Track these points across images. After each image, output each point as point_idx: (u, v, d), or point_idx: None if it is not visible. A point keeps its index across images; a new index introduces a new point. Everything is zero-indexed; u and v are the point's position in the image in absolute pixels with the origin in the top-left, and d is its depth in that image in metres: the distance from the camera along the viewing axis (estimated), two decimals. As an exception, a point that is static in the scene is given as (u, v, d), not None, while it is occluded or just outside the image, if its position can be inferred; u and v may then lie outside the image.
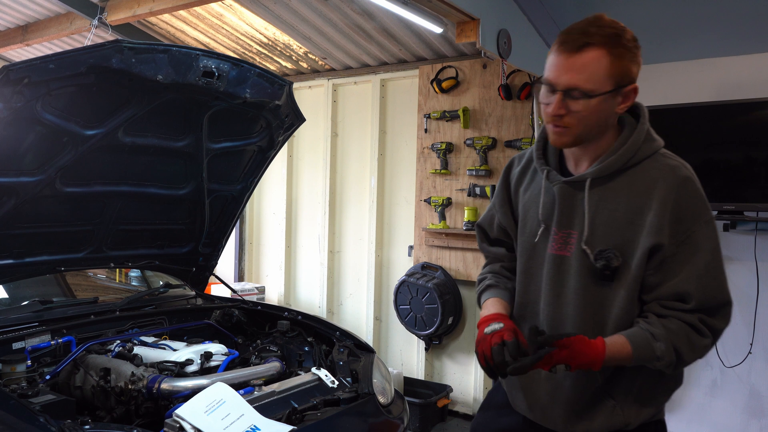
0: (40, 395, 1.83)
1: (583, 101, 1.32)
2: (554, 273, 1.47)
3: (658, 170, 1.37)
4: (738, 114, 3.24)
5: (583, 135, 1.38)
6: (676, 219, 1.33)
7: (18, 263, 2.46)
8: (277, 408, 2.00)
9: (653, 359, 1.33)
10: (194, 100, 2.37)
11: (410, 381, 4.36)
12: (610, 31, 1.32)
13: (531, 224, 1.53)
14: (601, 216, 1.40)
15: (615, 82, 1.32)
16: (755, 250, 3.30)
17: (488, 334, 1.40)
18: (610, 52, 1.31)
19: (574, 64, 1.31)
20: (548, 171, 1.48)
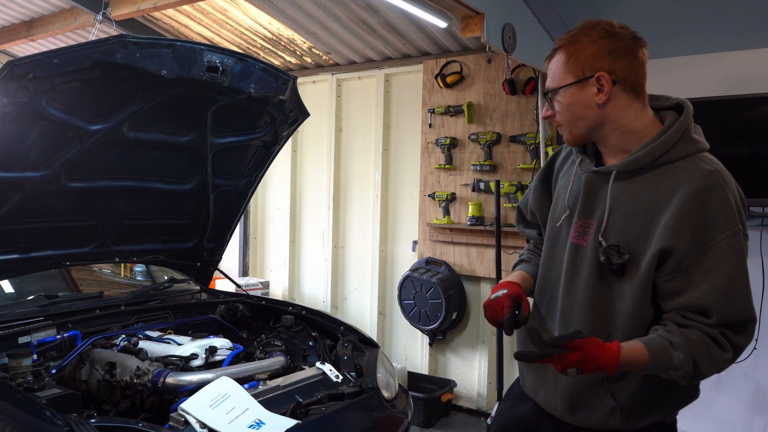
0: (46, 389, 1.84)
1: (556, 99, 1.45)
2: (571, 261, 1.48)
3: (689, 173, 1.33)
4: (744, 109, 3.22)
5: (576, 131, 1.45)
6: (701, 227, 1.29)
7: (23, 258, 2.47)
8: (282, 402, 2.01)
9: (669, 369, 1.29)
10: (198, 95, 2.37)
11: (414, 376, 4.36)
12: (574, 31, 1.42)
13: (559, 210, 1.55)
14: (620, 210, 1.39)
15: (574, 75, 1.40)
16: (761, 245, 3.28)
17: (492, 300, 1.50)
18: (566, 51, 1.41)
19: (549, 70, 1.46)
20: (582, 159, 1.50)
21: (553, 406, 1.53)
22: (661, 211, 1.33)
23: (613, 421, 1.43)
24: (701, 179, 1.32)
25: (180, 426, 1.78)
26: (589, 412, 1.46)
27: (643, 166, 1.37)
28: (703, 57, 3.45)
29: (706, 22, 3.35)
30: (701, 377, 1.33)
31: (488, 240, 3.98)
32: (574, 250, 1.47)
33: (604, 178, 1.43)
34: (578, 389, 1.46)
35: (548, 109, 1.49)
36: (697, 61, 3.46)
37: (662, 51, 3.51)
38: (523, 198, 1.78)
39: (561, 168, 1.62)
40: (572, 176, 1.52)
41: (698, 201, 1.29)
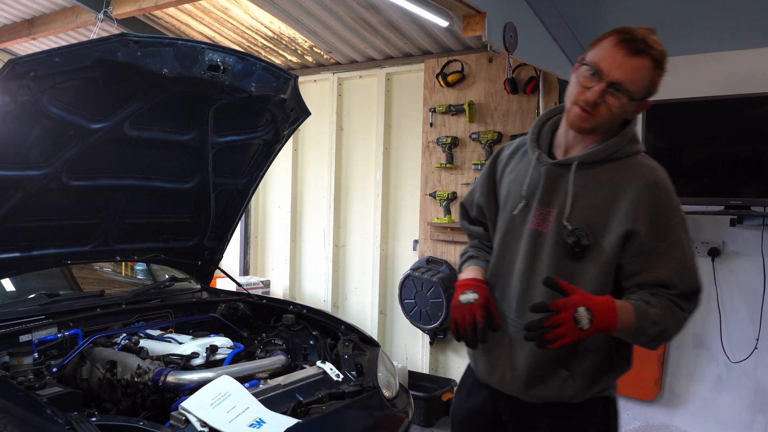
0: (47, 387, 1.84)
1: (621, 98, 1.43)
2: (530, 246, 1.56)
3: (638, 167, 1.50)
4: (746, 108, 3.22)
5: (600, 126, 1.49)
6: (655, 215, 1.45)
7: (25, 256, 2.47)
8: (283, 401, 2.01)
9: (649, 324, 1.42)
10: (200, 94, 2.37)
11: (415, 375, 4.37)
12: (661, 49, 1.45)
13: (513, 200, 1.62)
14: (581, 197, 1.51)
15: (647, 92, 1.47)
16: (762, 245, 3.28)
17: (463, 305, 1.55)
18: (655, 67, 1.44)
19: (628, 64, 1.41)
20: (539, 153, 1.59)
21: (509, 385, 1.59)
22: (618, 199, 1.47)
23: (567, 389, 1.52)
24: (651, 173, 1.49)
25: (181, 425, 1.78)
26: (544, 385, 1.54)
27: (600, 159, 1.50)
28: (706, 56, 3.45)
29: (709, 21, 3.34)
30: (667, 337, 1.49)
31: (489, 239, 3.97)
32: (533, 235, 1.56)
33: (564, 168, 1.53)
34: (534, 364, 1.54)
35: (601, 95, 1.43)
36: (699, 60, 3.46)
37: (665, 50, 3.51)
38: (466, 196, 1.85)
39: (506, 165, 1.70)
40: (527, 169, 1.60)
41: (651, 192, 1.46)
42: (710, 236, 3.44)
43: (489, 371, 1.64)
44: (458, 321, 1.55)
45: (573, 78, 1.51)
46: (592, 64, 1.44)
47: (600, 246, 1.47)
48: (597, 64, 1.43)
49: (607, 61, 1.42)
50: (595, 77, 1.43)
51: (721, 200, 3.24)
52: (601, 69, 1.42)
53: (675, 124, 3.42)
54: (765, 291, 3.29)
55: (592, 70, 1.44)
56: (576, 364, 1.52)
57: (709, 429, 3.48)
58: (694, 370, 3.53)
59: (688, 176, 3.36)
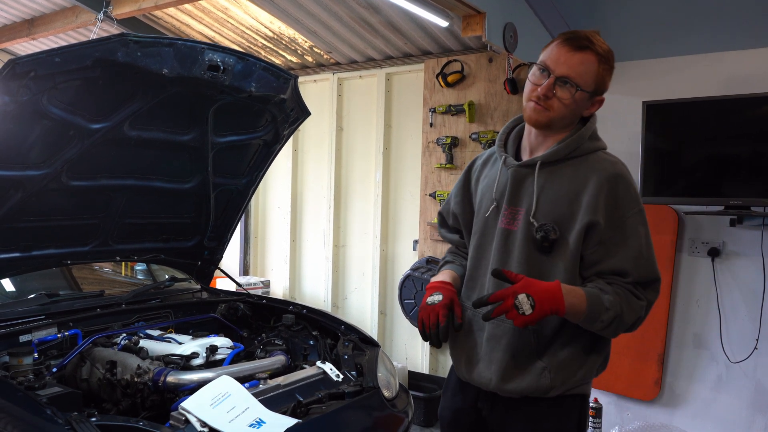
0: (46, 387, 1.83)
1: (569, 91, 1.54)
2: (501, 245, 1.64)
3: (598, 162, 1.59)
4: (746, 108, 3.22)
5: (555, 120, 1.58)
6: (612, 206, 1.53)
7: (25, 256, 2.47)
8: (282, 401, 2.01)
9: (602, 310, 1.48)
10: (199, 94, 2.37)
11: (415, 375, 4.37)
12: (606, 47, 1.57)
13: (485, 204, 1.71)
14: (546, 194, 1.58)
15: (595, 87, 1.57)
16: (762, 245, 3.28)
17: (429, 305, 1.63)
18: (600, 62, 1.55)
19: (572, 59, 1.53)
20: (506, 157, 1.68)
21: (487, 380, 1.63)
22: (580, 194, 1.55)
23: (544, 381, 1.57)
24: (610, 167, 1.57)
25: (180, 425, 1.78)
26: (521, 377, 1.59)
27: (562, 157, 1.59)
28: (706, 56, 3.45)
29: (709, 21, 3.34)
30: (623, 325, 1.52)
31: (489, 239, 3.98)
32: (504, 234, 1.63)
33: (529, 169, 1.62)
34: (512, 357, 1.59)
35: (551, 89, 1.54)
36: (699, 60, 3.46)
37: (664, 50, 3.51)
38: (443, 205, 1.93)
39: (480, 173, 1.79)
40: (497, 174, 1.69)
41: (609, 184, 1.53)
42: (710, 236, 3.44)
43: (468, 369, 1.69)
44: (424, 321, 1.62)
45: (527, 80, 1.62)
46: (541, 63, 1.57)
47: (566, 240, 1.55)
48: (544, 62, 1.56)
49: (552, 58, 1.55)
50: (545, 74, 1.55)
51: (721, 200, 3.24)
52: (548, 66, 1.55)
53: (675, 124, 3.42)
54: (765, 291, 3.29)
55: (541, 67, 1.56)
56: (551, 356, 1.58)
57: (709, 429, 3.48)
58: (694, 370, 3.53)
59: (688, 176, 3.36)
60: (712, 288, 3.43)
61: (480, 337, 1.67)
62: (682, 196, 3.37)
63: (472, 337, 1.69)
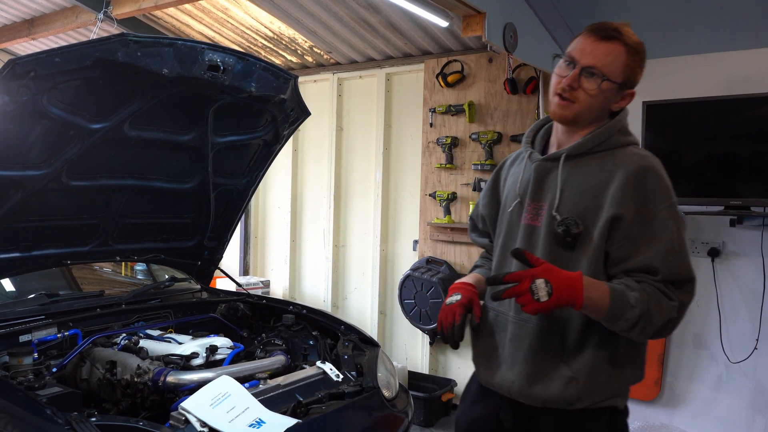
0: (46, 387, 1.84)
1: (595, 81, 1.47)
2: (526, 241, 1.57)
3: (627, 156, 1.50)
4: (746, 108, 3.22)
5: (582, 114, 1.50)
6: (641, 199, 1.43)
7: (25, 256, 2.47)
8: (282, 401, 2.01)
9: (627, 308, 1.37)
10: (199, 94, 2.37)
11: (415, 375, 4.36)
12: (636, 39, 1.50)
13: (510, 201, 1.65)
14: (570, 188, 1.51)
15: (624, 79, 1.49)
16: (762, 245, 3.28)
17: (447, 305, 1.59)
18: (629, 53, 1.48)
19: (599, 49, 1.47)
20: (531, 152, 1.63)
21: (509, 383, 1.55)
22: (607, 186, 1.46)
23: (570, 392, 1.47)
24: (640, 159, 1.48)
25: (180, 425, 1.78)
26: (546, 384, 1.50)
27: (588, 149, 1.52)
28: (705, 56, 3.45)
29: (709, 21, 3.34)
30: (652, 326, 1.40)
31: (489, 239, 3.98)
32: (528, 230, 1.57)
33: (553, 163, 1.55)
34: (535, 359, 1.51)
35: (576, 80, 1.47)
36: (699, 60, 3.46)
37: (664, 51, 3.51)
38: (473, 209, 1.88)
39: (507, 173, 1.74)
40: (521, 170, 1.63)
41: (638, 177, 1.45)
42: (710, 236, 3.44)
43: (491, 373, 1.62)
44: (442, 321, 1.58)
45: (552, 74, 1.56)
46: (566, 55, 1.51)
47: (591, 235, 1.47)
48: (570, 53, 1.50)
49: (579, 48, 1.49)
50: (570, 66, 1.49)
51: (721, 200, 3.24)
52: (573, 57, 1.49)
53: (675, 124, 3.42)
54: (765, 291, 3.29)
55: (567, 60, 1.50)
56: (578, 362, 1.48)
57: (708, 429, 3.48)
58: (694, 370, 3.53)
59: (688, 176, 3.36)
60: (712, 288, 3.43)
61: (503, 338, 1.60)
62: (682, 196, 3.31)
63: (494, 339, 1.61)
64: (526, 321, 1.52)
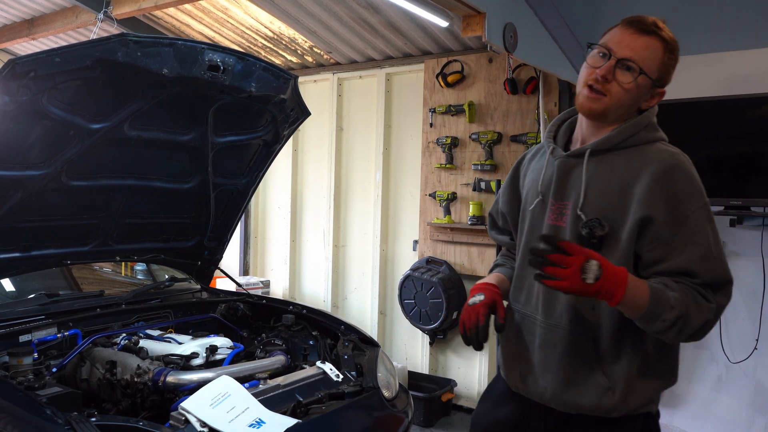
0: (46, 387, 1.84)
1: (631, 75, 1.41)
2: None
3: (655, 153, 1.44)
4: (746, 109, 3.22)
5: (612, 108, 1.43)
6: (671, 200, 1.38)
7: (24, 256, 2.47)
8: (282, 401, 2.01)
9: (666, 308, 1.32)
10: (199, 94, 2.37)
11: (415, 375, 4.36)
12: (673, 37, 1.45)
13: (531, 199, 1.59)
14: (595, 186, 1.45)
15: (659, 75, 1.44)
16: (762, 245, 3.28)
17: (470, 306, 1.54)
18: (666, 50, 1.43)
19: (637, 41, 1.41)
20: (554, 147, 1.56)
21: (542, 389, 1.51)
22: (634, 185, 1.41)
23: (607, 402, 1.43)
24: (669, 157, 1.42)
25: (180, 425, 1.78)
26: (581, 391, 1.45)
27: (614, 145, 1.45)
28: (706, 56, 3.45)
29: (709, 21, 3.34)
30: (689, 329, 1.35)
31: (489, 239, 3.97)
32: (552, 231, 1.51)
33: (578, 159, 1.49)
34: (569, 365, 1.47)
35: (611, 71, 1.40)
36: (699, 60, 3.46)
37: (664, 51, 3.50)
38: (493, 205, 1.82)
39: (527, 168, 1.68)
40: (542, 166, 1.57)
41: (667, 176, 1.39)
42: (710, 236, 3.43)
43: (521, 378, 1.58)
44: (464, 322, 1.53)
45: (583, 64, 1.48)
46: (602, 45, 1.43)
47: (617, 236, 1.41)
48: (606, 43, 1.43)
49: (615, 40, 1.42)
50: (605, 57, 1.42)
51: (721, 200, 3.24)
52: (610, 47, 1.42)
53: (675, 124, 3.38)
54: (765, 291, 3.29)
55: (602, 51, 1.43)
56: (615, 370, 1.44)
57: (709, 429, 3.48)
58: (694, 370, 3.53)
59: (688, 176, 3.36)
60: (712, 288, 3.43)
61: (531, 342, 1.55)
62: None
63: (522, 343, 1.56)
64: (556, 326, 1.48)
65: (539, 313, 1.53)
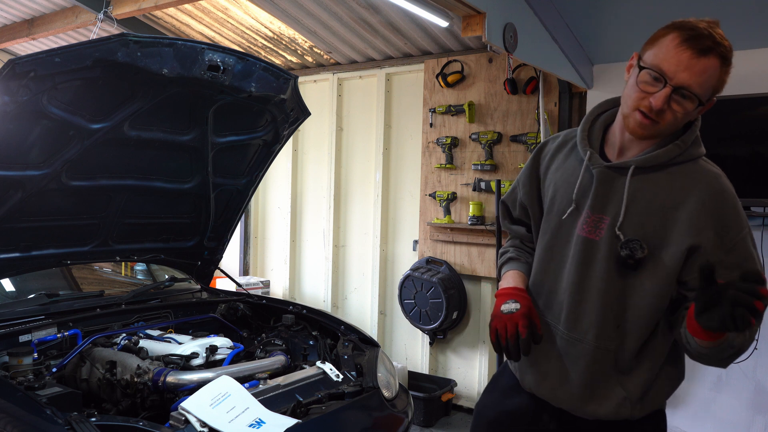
0: (46, 388, 1.84)
1: (687, 103, 1.32)
2: (582, 256, 1.46)
3: (700, 173, 1.39)
4: (745, 109, 3.22)
5: (663, 133, 1.38)
6: (722, 228, 1.35)
7: (24, 256, 2.47)
8: (282, 401, 2.01)
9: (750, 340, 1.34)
10: (199, 94, 2.37)
11: (415, 375, 4.36)
12: (728, 45, 1.32)
13: (560, 203, 1.52)
14: (637, 204, 1.40)
15: (714, 93, 1.35)
16: (762, 245, 3.28)
17: (505, 314, 1.46)
18: (722, 65, 1.32)
19: (696, 66, 1.29)
20: (591, 153, 1.47)
21: (560, 398, 1.51)
22: (678, 208, 1.36)
23: (623, 411, 1.44)
24: (714, 181, 1.38)
25: (180, 425, 1.78)
26: (600, 403, 1.46)
27: (660, 163, 1.39)
28: (704, 57, 3.44)
29: (707, 21, 3.34)
30: (739, 353, 1.38)
31: (489, 239, 3.98)
32: (584, 244, 1.45)
33: (619, 172, 1.42)
34: (591, 379, 1.46)
35: (665, 99, 1.30)
36: (698, 60, 3.45)
37: (664, 51, 3.50)
38: (508, 194, 1.73)
39: (552, 161, 1.59)
40: (579, 170, 1.48)
41: (716, 203, 1.36)
42: (710, 237, 3.43)
43: (537, 383, 1.55)
44: (500, 331, 1.46)
45: (631, 81, 1.38)
46: (654, 68, 1.31)
47: (658, 258, 1.37)
48: (659, 66, 1.30)
49: (671, 63, 1.30)
50: (659, 81, 1.31)
51: (721, 201, 3.24)
52: (664, 72, 1.30)
53: (675, 124, 3.42)
54: (765, 291, 3.29)
55: (655, 73, 1.31)
56: (631, 382, 1.44)
57: (708, 429, 3.48)
58: (693, 370, 3.53)
59: (688, 177, 3.36)
60: (712, 288, 3.43)
61: (550, 350, 1.52)
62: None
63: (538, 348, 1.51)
64: (580, 341, 1.46)
65: (561, 324, 1.50)
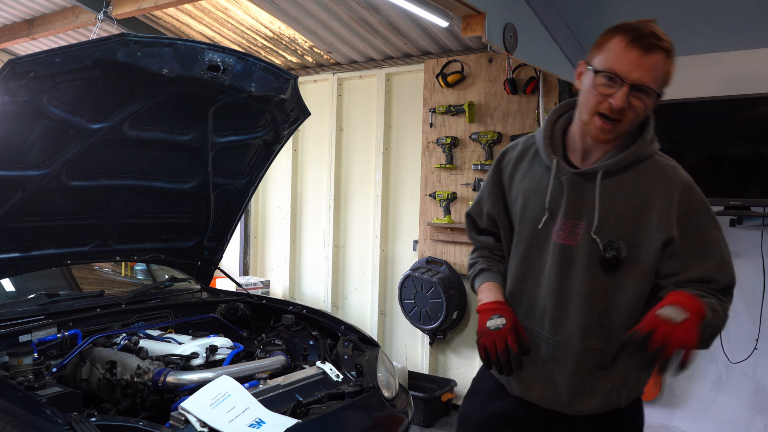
0: (46, 388, 1.84)
1: (645, 98, 1.38)
2: (559, 262, 1.49)
3: (661, 169, 1.47)
4: (745, 109, 3.22)
5: (624, 132, 1.43)
6: (685, 218, 1.43)
7: (24, 256, 2.47)
8: (282, 401, 2.01)
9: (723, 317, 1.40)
10: (199, 94, 2.37)
11: (414, 375, 4.36)
12: (668, 40, 1.41)
13: (532, 212, 1.55)
14: (609, 207, 1.45)
15: (664, 85, 1.43)
16: (762, 245, 3.28)
17: (492, 331, 1.50)
18: (666, 58, 1.40)
19: (646, 62, 1.36)
20: (558, 161, 1.51)
21: (552, 400, 1.54)
22: (648, 205, 1.43)
23: (612, 402, 1.50)
24: (675, 174, 1.46)
25: (180, 425, 1.78)
26: (590, 399, 1.50)
27: (625, 165, 1.46)
28: (704, 57, 3.45)
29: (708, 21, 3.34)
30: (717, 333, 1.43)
31: (489, 239, 3.98)
32: (561, 250, 1.49)
33: (588, 178, 1.47)
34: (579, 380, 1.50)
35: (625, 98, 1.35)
36: (698, 61, 3.46)
37: (664, 51, 3.50)
38: (473, 206, 1.75)
39: (515, 170, 1.62)
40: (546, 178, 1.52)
41: (681, 197, 1.43)
42: (710, 237, 3.43)
43: (525, 389, 1.57)
44: (488, 348, 1.49)
45: (586, 87, 1.42)
46: (608, 70, 1.36)
47: (637, 257, 1.43)
48: (612, 68, 1.36)
49: (622, 63, 1.35)
50: (614, 82, 1.36)
51: (721, 201, 3.24)
52: (618, 73, 1.35)
53: (674, 124, 3.42)
54: (765, 291, 3.29)
55: (609, 75, 1.36)
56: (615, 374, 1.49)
57: (708, 429, 3.48)
58: (693, 370, 3.53)
59: (688, 177, 3.36)
60: (711, 288, 3.43)
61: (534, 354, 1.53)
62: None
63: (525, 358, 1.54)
64: (566, 344, 1.49)
65: (545, 329, 1.53)
